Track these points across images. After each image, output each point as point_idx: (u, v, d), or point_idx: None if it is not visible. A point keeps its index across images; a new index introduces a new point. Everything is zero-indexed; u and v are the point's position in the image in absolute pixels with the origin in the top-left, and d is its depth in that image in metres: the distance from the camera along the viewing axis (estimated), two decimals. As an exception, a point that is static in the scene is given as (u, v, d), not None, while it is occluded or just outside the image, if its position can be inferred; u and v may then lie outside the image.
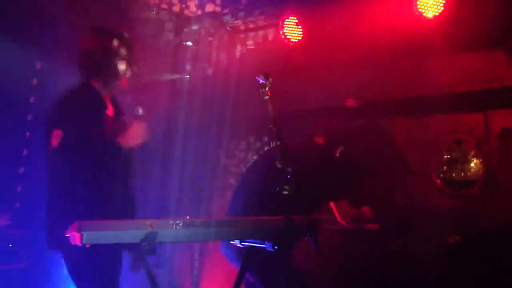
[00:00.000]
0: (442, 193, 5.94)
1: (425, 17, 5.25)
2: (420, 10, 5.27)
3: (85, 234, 2.69)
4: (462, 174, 5.96)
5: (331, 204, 4.35)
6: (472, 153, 5.93)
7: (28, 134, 5.32)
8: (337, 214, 4.37)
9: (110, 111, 3.56)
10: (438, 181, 6.05)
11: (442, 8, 5.21)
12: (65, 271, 3.33)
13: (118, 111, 3.62)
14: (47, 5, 5.11)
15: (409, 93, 6.03)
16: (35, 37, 5.11)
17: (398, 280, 5.16)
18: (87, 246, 2.74)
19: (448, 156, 6.05)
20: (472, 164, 5.93)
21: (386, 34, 5.48)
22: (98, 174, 3.34)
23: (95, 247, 2.84)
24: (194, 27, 6.25)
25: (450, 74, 5.77)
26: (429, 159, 6.05)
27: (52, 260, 4.82)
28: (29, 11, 5.07)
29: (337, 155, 4.29)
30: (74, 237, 2.71)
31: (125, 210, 3.51)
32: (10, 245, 5.07)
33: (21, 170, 5.33)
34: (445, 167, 6.02)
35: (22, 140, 5.33)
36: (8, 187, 5.26)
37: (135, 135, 3.46)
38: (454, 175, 5.98)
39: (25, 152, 5.35)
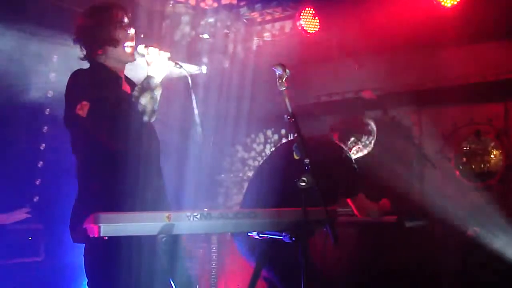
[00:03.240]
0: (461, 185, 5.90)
1: (443, 6, 5.18)
2: (438, -2, 5.21)
3: (102, 226, 2.69)
4: (482, 165, 5.91)
5: (348, 200, 4.32)
6: (492, 144, 5.87)
7: (46, 128, 5.33)
8: (354, 208, 4.34)
9: (126, 87, 3.36)
10: (457, 172, 6.00)
11: (461, -3, 5.16)
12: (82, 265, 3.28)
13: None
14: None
15: (426, 84, 5.98)
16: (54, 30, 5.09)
17: (415, 272, 5.13)
18: (104, 238, 2.74)
19: (468, 148, 5.99)
20: (492, 156, 5.87)
21: (404, 24, 5.44)
22: (126, 157, 3.10)
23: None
24: (210, 19, 6.23)
25: (467, 64, 5.72)
26: (447, 150, 6.00)
27: (69, 254, 4.83)
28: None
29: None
30: (92, 229, 2.72)
31: (158, 198, 3.30)
32: (30, 238, 5.10)
33: (40, 164, 5.35)
34: (464, 159, 5.97)
35: (40, 134, 5.34)
36: (27, 181, 5.28)
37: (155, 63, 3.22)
38: (473, 166, 5.93)
39: (43, 146, 5.37)
